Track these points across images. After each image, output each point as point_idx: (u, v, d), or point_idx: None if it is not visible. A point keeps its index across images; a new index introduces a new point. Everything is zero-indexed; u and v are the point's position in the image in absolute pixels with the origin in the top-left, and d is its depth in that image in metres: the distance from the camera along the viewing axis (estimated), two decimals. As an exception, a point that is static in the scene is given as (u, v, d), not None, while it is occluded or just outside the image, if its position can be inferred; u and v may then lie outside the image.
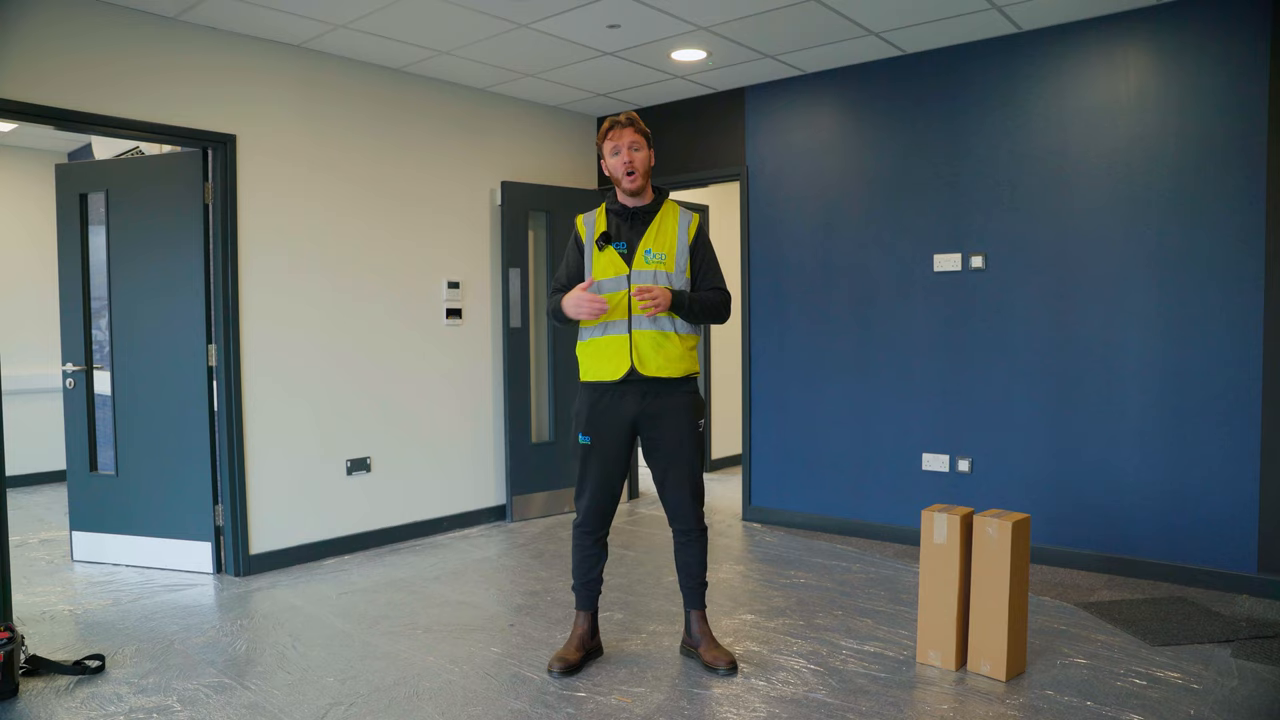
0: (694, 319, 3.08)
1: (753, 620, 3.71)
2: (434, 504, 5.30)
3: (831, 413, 5.20)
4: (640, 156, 3.06)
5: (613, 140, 3.06)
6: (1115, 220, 4.23)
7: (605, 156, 3.10)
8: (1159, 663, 3.17)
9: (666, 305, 2.95)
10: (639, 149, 3.06)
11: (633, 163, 3.04)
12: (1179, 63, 4.04)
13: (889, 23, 4.35)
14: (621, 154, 3.04)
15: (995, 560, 3.01)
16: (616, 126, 3.06)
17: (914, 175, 4.83)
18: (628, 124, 3.06)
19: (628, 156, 3.03)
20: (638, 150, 3.05)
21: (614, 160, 3.06)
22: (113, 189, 4.53)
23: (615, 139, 3.05)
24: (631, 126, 3.06)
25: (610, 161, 3.07)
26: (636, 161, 3.04)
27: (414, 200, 5.17)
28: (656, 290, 2.93)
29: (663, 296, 2.93)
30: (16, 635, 3.09)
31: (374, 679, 3.12)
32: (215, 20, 4.18)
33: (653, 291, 2.92)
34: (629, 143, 3.04)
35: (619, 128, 3.06)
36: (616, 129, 3.06)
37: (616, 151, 3.05)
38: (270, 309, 4.51)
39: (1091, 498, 4.34)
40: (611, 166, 3.07)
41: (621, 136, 3.05)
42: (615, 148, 3.05)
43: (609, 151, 3.07)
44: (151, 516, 4.51)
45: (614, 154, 3.06)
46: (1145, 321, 4.17)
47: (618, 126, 3.06)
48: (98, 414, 4.70)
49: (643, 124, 3.09)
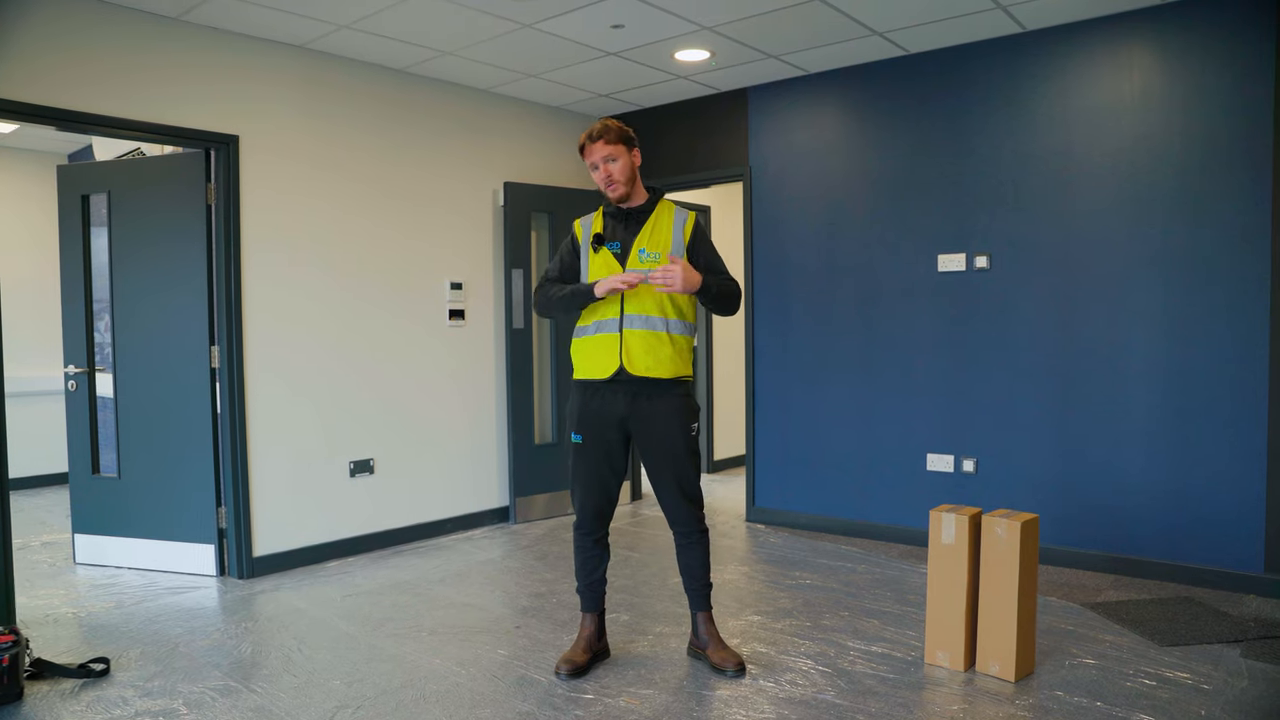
0: (714, 304, 3.06)
1: (759, 621, 3.69)
2: (437, 506, 5.29)
3: (835, 413, 5.19)
4: (618, 166, 3.04)
5: (587, 157, 3.06)
6: (1120, 220, 4.22)
7: (590, 171, 3.11)
8: (1168, 663, 3.16)
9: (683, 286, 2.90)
10: (615, 159, 3.03)
11: (610, 175, 3.03)
12: (1184, 62, 4.03)
13: (893, 23, 4.34)
14: (599, 169, 3.04)
15: (1004, 560, 3.00)
16: (589, 142, 3.04)
17: (918, 175, 4.82)
18: (599, 137, 3.02)
19: (605, 171, 3.04)
20: (614, 161, 3.03)
21: (594, 174, 3.08)
22: (114, 190, 4.51)
23: (589, 155, 3.05)
24: (603, 139, 3.02)
25: (593, 176, 3.09)
26: (615, 173, 3.04)
27: (417, 202, 5.16)
28: (674, 269, 2.88)
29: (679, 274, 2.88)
30: (21, 638, 3.07)
31: (380, 682, 3.11)
32: (217, 20, 4.17)
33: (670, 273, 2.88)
34: (602, 156, 3.03)
35: (591, 143, 3.04)
36: (589, 144, 3.04)
37: (595, 167, 3.06)
38: (273, 311, 4.50)
39: (1097, 498, 4.33)
40: (595, 179, 3.09)
41: (594, 152, 3.04)
42: (592, 164, 3.06)
43: (590, 167, 3.09)
44: (154, 519, 4.50)
45: (592, 168, 3.07)
46: (1150, 321, 4.16)
47: (590, 142, 3.04)
48: (100, 416, 4.68)
49: (617, 130, 3.04)
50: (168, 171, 4.44)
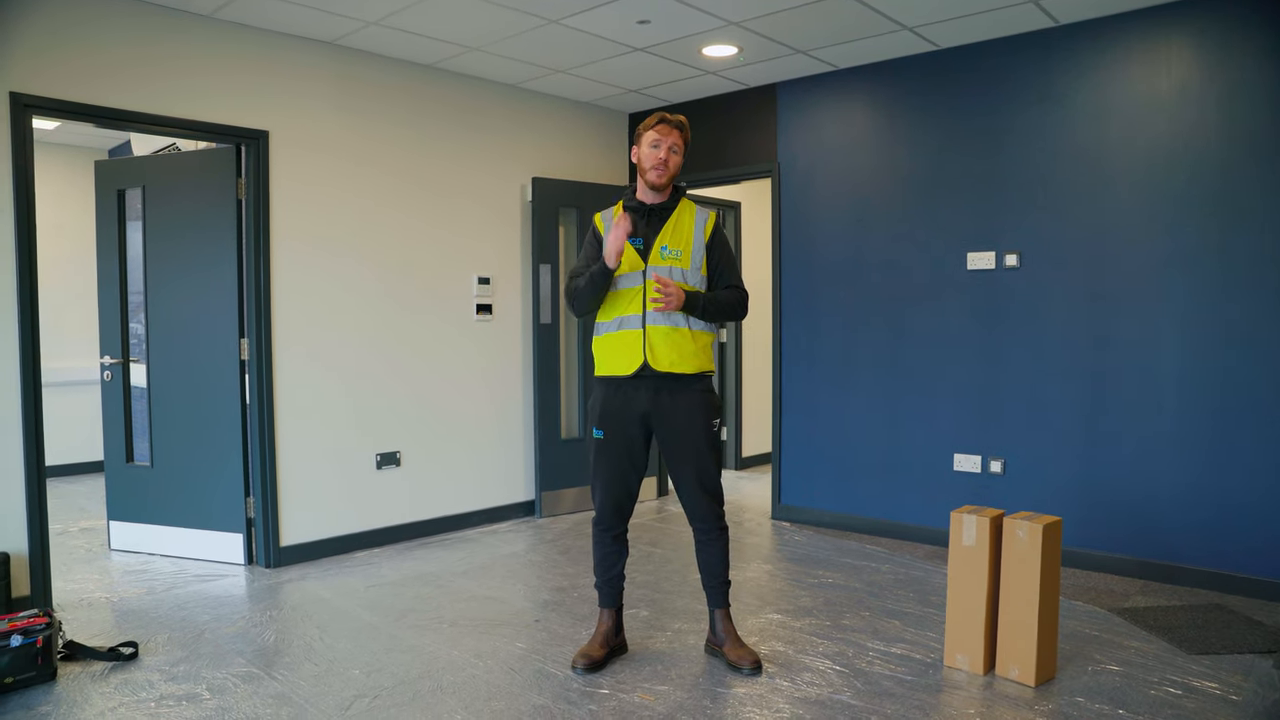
0: (709, 319, 3.09)
1: (779, 620, 3.68)
2: (463, 499, 5.33)
3: (862, 411, 5.15)
4: (675, 160, 3.10)
5: (658, 134, 3.09)
6: (1154, 218, 4.13)
7: (642, 145, 3.12)
8: (1195, 672, 3.09)
9: (675, 306, 2.97)
10: (677, 153, 3.10)
11: (667, 163, 3.07)
12: (1223, 57, 3.93)
13: (923, 17, 4.28)
14: (661, 149, 3.07)
15: (1025, 563, 2.96)
16: (667, 124, 3.09)
17: (948, 172, 4.76)
18: (678, 127, 3.11)
19: (665, 155, 3.07)
20: (675, 153, 3.10)
21: (650, 151, 3.08)
22: (149, 185, 4.60)
23: (661, 134, 3.09)
24: (680, 131, 3.11)
25: (646, 150, 3.09)
26: (671, 163, 3.09)
27: (445, 197, 5.19)
28: (673, 287, 2.95)
29: (675, 296, 2.95)
30: (54, 621, 3.16)
31: (398, 672, 3.15)
32: (248, 18, 4.23)
33: (669, 287, 2.94)
34: (671, 143, 3.09)
35: (668, 125, 3.09)
36: (666, 125, 3.09)
37: (657, 145, 3.08)
38: (302, 304, 4.56)
39: (1128, 500, 4.25)
40: (645, 156, 3.09)
41: (668, 135, 3.09)
42: (657, 141, 3.08)
43: (649, 142, 3.09)
44: (185, 508, 4.59)
45: (653, 145, 3.08)
46: (1184, 321, 4.07)
47: (667, 124, 3.09)
48: (134, 406, 4.78)
49: (689, 134, 3.16)
50: (200, 166, 4.51)
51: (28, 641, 3.04)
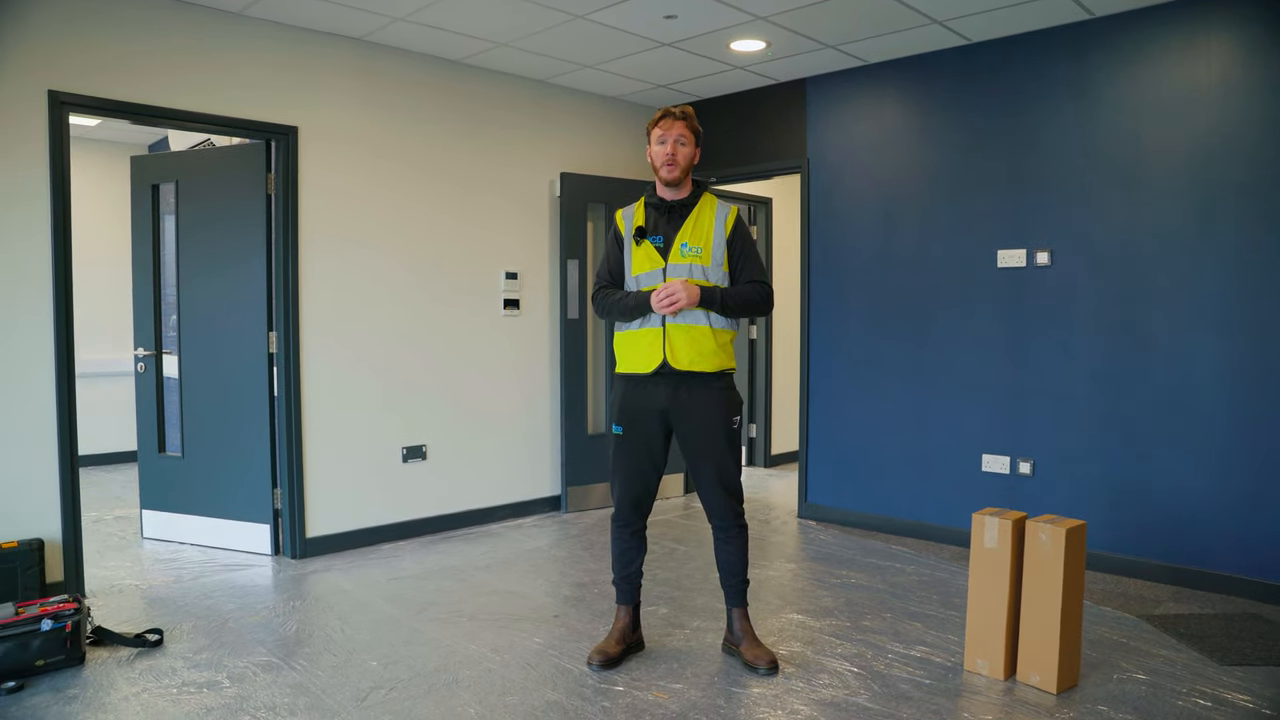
0: (729, 314, 3.06)
1: (799, 620, 3.65)
2: (488, 493, 5.36)
3: (890, 410, 5.08)
4: (684, 151, 3.07)
5: (662, 129, 3.08)
6: (1191, 216, 4.02)
7: (651, 143, 3.11)
8: (1227, 683, 3.00)
9: (686, 302, 2.93)
10: (685, 144, 3.08)
11: (675, 156, 3.05)
12: (1266, 49, 3.81)
13: (954, 10, 4.21)
14: (667, 144, 3.06)
15: (1048, 567, 2.90)
16: (669, 117, 3.07)
17: (979, 168, 4.67)
18: (680, 117, 3.07)
19: (671, 149, 3.05)
20: (683, 145, 3.07)
21: (658, 148, 3.08)
22: (182, 179, 4.68)
23: (665, 128, 3.07)
24: (684, 121, 3.08)
25: (654, 149, 3.09)
26: (679, 156, 3.06)
27: (472, 192, 5.21)
28: (674, 288, 2.92)
29: (682, 293, 2.92)
30: (83, 606, 3.23)
31: (416, 664, 3.17)
32: (277, 15, 4.27)
33: (673, 294, 2.91)
34: (676, 135, 3.06)
35: (671, 118, 3.07)
36: (669, 119, 3.07)
37: (663, 140, 3.07)
38: (329, 297, 4.61)
39: (1160, 504, 4.15)
40: (654, 154, 3.09)
41: (671, 128, 3.06)
42: (662, 137, 3.07)
43: (655, 139, 3.09)
44: (214, 498, 4.66)
45: (659, 142, 3.07)
46: (1220, 323, 3.95)
47: (670, 117, 3.07)
48: (167, 397, 4.87)
49: (696, 122, 3.12)
50: (230, 162, 4.58)
51: (58, 626, 3.11)
